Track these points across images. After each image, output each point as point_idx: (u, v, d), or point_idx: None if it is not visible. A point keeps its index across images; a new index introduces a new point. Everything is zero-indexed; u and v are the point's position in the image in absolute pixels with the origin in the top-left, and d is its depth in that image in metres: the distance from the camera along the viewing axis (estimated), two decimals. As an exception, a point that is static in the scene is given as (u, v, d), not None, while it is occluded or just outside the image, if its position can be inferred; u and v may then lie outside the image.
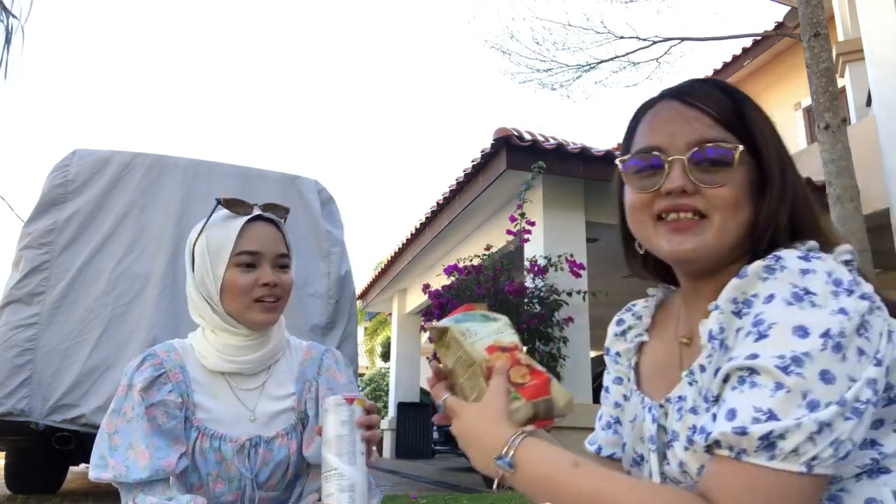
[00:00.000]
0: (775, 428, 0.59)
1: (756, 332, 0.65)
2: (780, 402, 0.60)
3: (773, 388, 0.61)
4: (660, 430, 0.82)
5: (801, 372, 0.60)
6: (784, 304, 0.64)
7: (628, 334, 0.97)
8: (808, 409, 0.60)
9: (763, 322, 0.65)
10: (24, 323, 3.55)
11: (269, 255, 1.23)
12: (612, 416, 0.98)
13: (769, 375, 0.62)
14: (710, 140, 0.77)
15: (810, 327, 0.62)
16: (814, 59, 4.02)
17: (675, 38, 5.64)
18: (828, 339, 0.61)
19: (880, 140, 5.12)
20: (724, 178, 0.76)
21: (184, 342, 1.28)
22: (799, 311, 0.63)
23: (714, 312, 0.72)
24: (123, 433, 1.15)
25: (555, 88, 6.37)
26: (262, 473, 1.21)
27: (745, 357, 0.64)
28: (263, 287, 1.21)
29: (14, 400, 3.40)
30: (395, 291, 10.44)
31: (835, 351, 0.61)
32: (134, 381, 1.18)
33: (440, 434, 8.74)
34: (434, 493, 4.52)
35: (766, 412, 0.60)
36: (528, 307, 5.28)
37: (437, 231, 7.37)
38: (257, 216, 1.25)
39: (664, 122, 0.81)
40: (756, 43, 8.75)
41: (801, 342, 0.62)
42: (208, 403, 1.22)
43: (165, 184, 3.95)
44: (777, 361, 0.61)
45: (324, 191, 4.36)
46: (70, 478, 5.23)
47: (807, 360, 0.61)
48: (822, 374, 0.61)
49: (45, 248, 3.71)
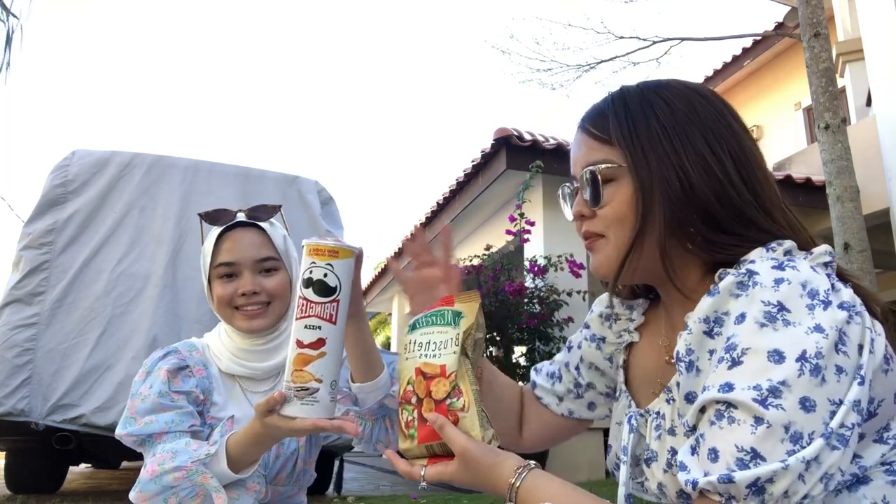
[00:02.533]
0: (761, 474, 0.57)
1: (729, 359, 0.62)
2: (763, 439, 0.58)
3: (753, 423, 0.59)
4: (640, 439, 0.81)
5: (780, 403, 0.58)
6: (757, 325, 0.62)
7: (615, 326, 0.96)
8: (791, 442, 0.57)
9: (736, 347, 0.62)
10: (24, 323, 3.55)
11: (247, 263, 1.22)
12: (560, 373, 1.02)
13: (747, 410, 0.59)
14: (591, 163, 0.79)
15: (785, 351, 0.60)
16: (814, 59, 4.03)
17: (675, 38, 5.64)
18: (805, 363, 0.59)
19: (880, 140, 5.13)
20: (609, 196, 0.78)
21: (201, 341, 1.29)
22: (772, 333, 0.61)
23: (683, 334, 0.70)
24: (142, 409, 1.15)
25: (555, 88, 6.37)
26: (273, 467, 1.22)
27: (719, 387, 0.62)
28: (242, 296, 1.21)
29: (14, 400, 3.41)
30: (395, 291, 10.44)
31: (813, 374, 0.59)
32: (159, 366, 1.19)
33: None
34: (434, 492, 4.52)
35: (750, 451, 0.58)
36: (528, 307, 5.28)
37: (437, 231, 7.37)
38: (237, 223, 1.25)
39: (573, 151, 0.85)
40: (756, 43, 8.75)
41: (776, 369, 0.59)
42: (223, 403, 1.23)
43: (165, 184, 3.95)
44: (754, 394, 0.59)
45: (324, 191, 4.36)
46: (70, 478, 5.23)
47: (784, 389, 0.58)
48: (801, 401, 0.58)
49: (45, 248, 3.71)
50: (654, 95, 0.78)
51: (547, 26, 8.01)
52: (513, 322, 5.27)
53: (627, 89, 0.82)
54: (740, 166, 0.74)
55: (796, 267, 0.64)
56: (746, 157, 0.75)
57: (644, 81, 0.83)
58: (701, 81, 9.28)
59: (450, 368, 0.78)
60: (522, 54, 6.30)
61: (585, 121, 0.83)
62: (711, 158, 0.73)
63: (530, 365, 5.31)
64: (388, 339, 13.76)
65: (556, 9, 17.66)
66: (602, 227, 0.80)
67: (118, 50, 78.61)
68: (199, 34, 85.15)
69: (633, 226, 0.76)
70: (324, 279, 0.90)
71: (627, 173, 0.77)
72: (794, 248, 0.72)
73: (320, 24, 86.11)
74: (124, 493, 1.17)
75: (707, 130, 0.75)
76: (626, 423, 0.84)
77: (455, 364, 0.78)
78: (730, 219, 0.73)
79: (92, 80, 75.44)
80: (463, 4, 75.93)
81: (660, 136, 0.75)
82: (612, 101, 0.81)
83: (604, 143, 0.79)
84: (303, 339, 0.89)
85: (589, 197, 0.80)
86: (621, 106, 0.79)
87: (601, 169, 0.78)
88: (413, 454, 0.80)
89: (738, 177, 0.74)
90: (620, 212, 0.78)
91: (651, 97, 0.78)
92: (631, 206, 0.77)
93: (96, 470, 7.19)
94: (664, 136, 0.75)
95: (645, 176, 0.75)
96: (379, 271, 10.43)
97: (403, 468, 0.79)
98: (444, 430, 0.75)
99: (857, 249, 3.77)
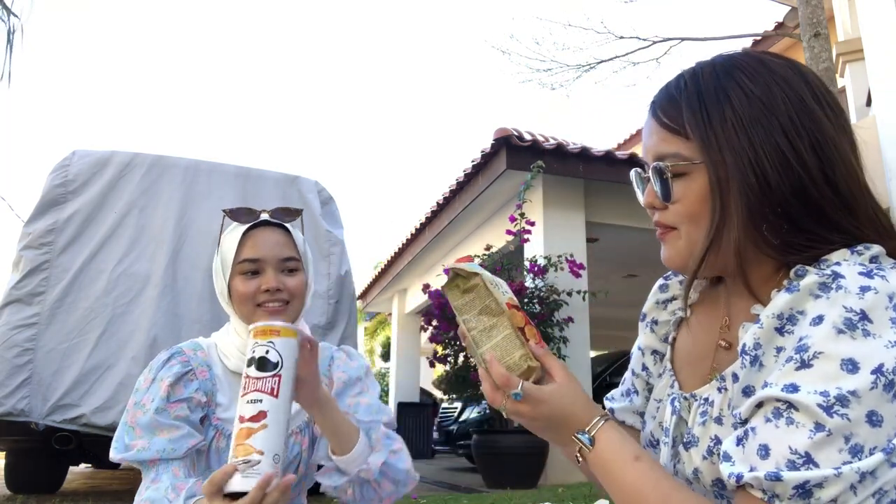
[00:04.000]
0: (811, 478, 0.55)
1: (798, 360, 0.59)
2: (819, 445, 0.56)
3: (813, 428, 0.56)
4: (679, 421, 0.79)
5: (847, 413, 0.55)
6: (834, 330, 0.59)
7: (670, 305, 0.92)
8: (850, 454, 0.55)
9: (808, 349, 0.59)
10: (24, 323, 3.55)
11: (271, 261, 1.24)
12: (633, 385, 0.95)
13: (809, 414, 0.57)
14: (662, 156, 0.75)
15: (861, 361, 0.57)
16: (814, 59, 4.03)
17: (675, 38, 5.63)
18: (880, 377, 0.56)
19: (880, 140, 5.12)
20: (681, 191, 0.74)
21: (208, 341, 1.30)
22: (850, 341, 0.58)
23: (754, 326, 0.67)
24: (143, 424, 1.16)
25: (555, 88, 6.36)
26: None
27: (783, 387, 0.59)
28: (265, 293, 1.22)
29: (14, 400, 3.41)
30: (395, 291, 10.44)
31: (886, 390, 0.56)
32: (161, 375, 1.20)
33: (440, 434, 8.74)
34: (434, 493, 4.52)
35: (804, 455, 0.56)
36: (528, 307, 5.28)
37: (437, 231, 7.37)
38: (262, 222, 1.26)
39: (644, 136, 0.80)
40: (756, 43, 8.74)
41: (848, 378, 0.56)
42: (228, 403, 1.23)
43: (165, 184, 3.94)
44: (820, 399, 0.56)
45: (324, 191, 4.36)
46: (70, 478, 5.23)
47: (853, 399, 0.56)
48: (869, 415, 0.55)
49: (45, 248, 3.71)
50: (730, 81, 0.73)
51: (547, 26, 8.01)
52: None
53: (701, 70, 0.76)
54: (823, 161, 0.68)
55: (886, 277, 0.61)
56: (830, 151, 0.69)
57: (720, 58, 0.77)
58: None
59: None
60: (522, 54, 6.30)
61: (656, 105, 0.78)
62: (791, 153, 0.68)
63: (530, 365, 5.31)
64: (388, 339, 13.76)
65: (556, 9, 17.67)
66: (674, 221, 0.76)
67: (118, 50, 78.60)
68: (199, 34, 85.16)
69: (707, 223, 0.72)
70: (265, 355, 0.95)
71: (701, 168, 0.72)
72: (882, 254, 0.68)
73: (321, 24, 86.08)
74: (124, 493, 1.18)
75: (787, 121, 0.69)
76: (669, 405, 0.81)
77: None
78: (809, 218, 0.68)
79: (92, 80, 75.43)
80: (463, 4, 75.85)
81: (735, 128, 0.70)
82: (685, 86, 0.76)
83: (676, 133, 0.74)
84: (244, 413, 0.92)
85: (659, 192, 0.76)
86: (694, 93, 0.74)
87: (672, 164, 0.74)
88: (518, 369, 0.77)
89: (819, 173, 0.68)
90: (693, 209, 0.73)
91: (726, 83, 0.73)
92: (705, 203, 0.72)
93: (96, 470, 7.19)
94: (740, 128, 0.70)
95: (721, 173, 0.70)
96: (379, 271, 10.43)
97: (499, 371, 0.74)
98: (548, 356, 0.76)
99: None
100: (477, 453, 5.49)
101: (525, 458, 5.05)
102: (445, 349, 5.62)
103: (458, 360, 5.58)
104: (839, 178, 0.69)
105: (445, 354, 5.64)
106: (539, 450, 5.01)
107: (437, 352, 5.77)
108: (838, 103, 0.73)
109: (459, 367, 5.53)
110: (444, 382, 5.81)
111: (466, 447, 7.14)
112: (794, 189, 0.68)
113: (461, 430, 7.89)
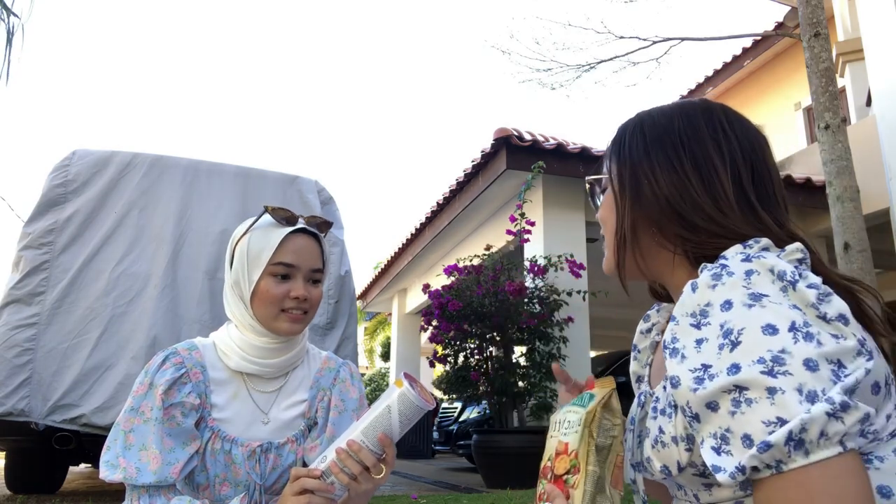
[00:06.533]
0: (791, 427, 0.59)
1: (729, 343, 0.65)
2: (782, 405, 0.60)
3: (769, 395, 0.61)
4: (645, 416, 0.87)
5: (786, 369, 0.61)
6: (745, 307, 0.66)
7: (650, 333, 1.01)
8: (808, 401, 0.60)
9: (732, 331, 0.65)
10: (24, 323, 3.55)
11: (304, 269, 1.25)
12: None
13: (759, 386, 0.62)
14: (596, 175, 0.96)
15: (776, 323, 0.64)
16: (814, 59, 4.03)
17: (675, 38, 5.63)
18: (797, 332, 0.63)
19: (880, 140, 5.12)
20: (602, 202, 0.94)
21: (206, 340, 1.30)
22: (760, 310, 0.65)
23: (671, 323, 0.73)
24: (139, 433, 1.16)
25: (555, 88, 6.36)
26: (270, 478, 1.22)
27: (727, 370, 0.64)
28: (293, 300, 1.23)
29: (14, 400, 3.41)
30: (395, 291, 10.45)
31: (807, 340, 0.62)
32: (156, 381, 1.19)
33: (440, 434, 8.74)
34: (434, 493, 4.52)
35: (776, 420, 0.60)
36: (528, 307, 5.28)
37: (437, 231, 7.38)
38: (301, 228, 1.27)
39: None
40: (756, 43, 8.75)
41: (773, 340, 0.63)
42: (225, 404, 1.23)
43: (165, 184, 3.94)
44: (760, 367, 0.62)
45: (324, 191, 4.36)
46: (70, 478, 5.24)
47: (786, 356, 0.62)
48: (805, 363, 0.61)
49: (45, 248, 3.71)
50: (647, 114, 0.91)
51: (547, 26, 7.98)
52: (513, 322, 5.27)
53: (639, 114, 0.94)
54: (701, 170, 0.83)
55: (761, 257, 0.70)
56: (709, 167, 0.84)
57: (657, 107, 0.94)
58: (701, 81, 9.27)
59: (572, 446, 0.83)
60: (522, 54, 6.29)
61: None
62: (677, 164, 0.84)
63: (530, 365, 5.32)
64: (388, 338, 13.76)
65: (556, 9, 17.66)
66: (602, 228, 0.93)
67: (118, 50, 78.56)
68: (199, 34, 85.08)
69: (613, 226, 0.88)
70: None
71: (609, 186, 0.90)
72: (770, 245, 0.76)
73: (321, 24, 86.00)
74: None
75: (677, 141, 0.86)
76: (637, 399, 0.93)
77: (577, 443, 0.83)
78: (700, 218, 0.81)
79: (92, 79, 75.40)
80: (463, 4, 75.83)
81: (638, 148, 0.88)
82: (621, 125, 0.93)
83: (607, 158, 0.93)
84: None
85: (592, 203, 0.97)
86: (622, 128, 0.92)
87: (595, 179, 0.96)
88: None
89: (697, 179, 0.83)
90: (604, 215, 0.92)
91: (644, 118, 0.91)
92: (611, 209, 0.89)
93: (96, 470, 7.19)
94: (642, 146, 0.87)
95: (621, 182, 0.87)
96: (379, 271, 10.43)
97: None
98: (554, 503, 0.81)
99: (857, 249, 3.77)
100: (477, 453, 5.49)
101: (525, 458, 5.04)
102: (445, 349, 5.62)
103: (458, 360, 5.58)
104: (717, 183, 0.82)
105: (445, 354, 5.64)
106: (539, 450, 5.00)
107: (437, 352, 5.77)
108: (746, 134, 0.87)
109: (459, 367, 5.53)
110: (444, 382, 5.81)
111: (466, 447, 7.15)
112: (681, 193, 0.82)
113: (461, 430, 7.89)
